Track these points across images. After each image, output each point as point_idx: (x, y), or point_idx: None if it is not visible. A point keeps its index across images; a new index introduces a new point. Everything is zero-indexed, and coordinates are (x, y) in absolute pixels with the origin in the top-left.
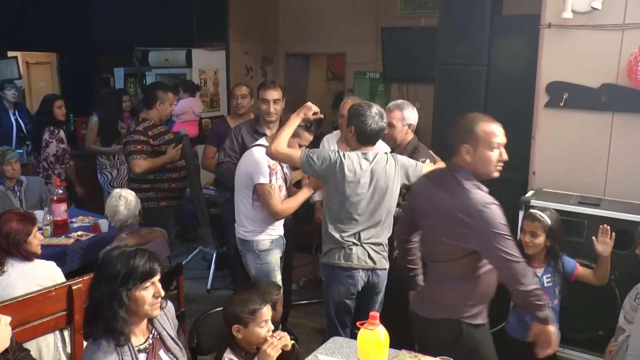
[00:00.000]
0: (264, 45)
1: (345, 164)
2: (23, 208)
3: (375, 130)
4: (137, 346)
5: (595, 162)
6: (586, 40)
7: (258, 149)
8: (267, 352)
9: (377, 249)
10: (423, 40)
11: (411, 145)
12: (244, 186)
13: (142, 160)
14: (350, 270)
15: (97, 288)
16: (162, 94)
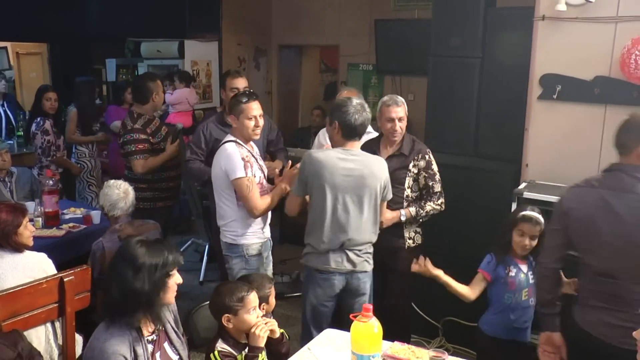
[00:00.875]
0: (256, 37)
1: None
2: (14, 199)
3: (360, 121)
4: (146, 336)
5: (587, 154)
6: (579, 32)
7: (228, 144)
8: (255, 333)
9: (358, 252)
10: (417, 32)
11: (407, 137)
12: (224, 187)
13: (144, 160)
14: (327, 273)
15: (136, 278)
16: (153, 84)
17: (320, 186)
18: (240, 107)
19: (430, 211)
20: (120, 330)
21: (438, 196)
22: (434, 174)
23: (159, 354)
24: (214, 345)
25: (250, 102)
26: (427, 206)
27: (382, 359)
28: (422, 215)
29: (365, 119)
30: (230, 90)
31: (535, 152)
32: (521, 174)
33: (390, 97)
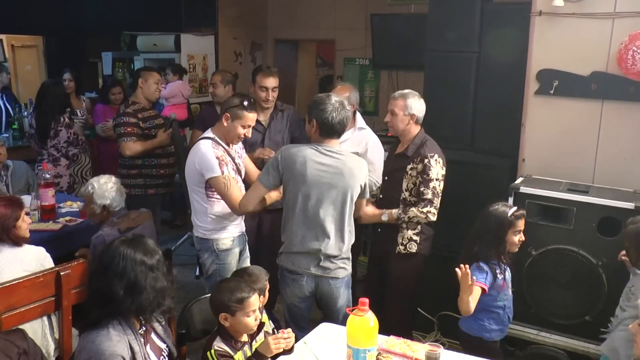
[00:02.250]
0: (253, 31)
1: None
2: (10, 193)
3: (338, 119)
4: (138, 331)
5: (584, 150)
6: (577, 28)
7: (204, 142)
8: (270, 345)
9: (332, 259)
10: (413, 27)
11: (418, 138)
12: (195, 183)
13: (132, 143)
14: (295, 274)
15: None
16: (144, 72)
17: (292, 181)
18: (242, 113)
19: (414, 217)
20: (115, 329)
21: (425, 204)
22: (428, 180)
23: (149, 345)
24: (212, 343)
25: (252, 112)
26: (410, 211)
27: (377, 352)
28: (403, 219)
29: (343, 117)
30: (260, 89)
31: (531, 147)
32: (518, 169)
33: (400, 91)
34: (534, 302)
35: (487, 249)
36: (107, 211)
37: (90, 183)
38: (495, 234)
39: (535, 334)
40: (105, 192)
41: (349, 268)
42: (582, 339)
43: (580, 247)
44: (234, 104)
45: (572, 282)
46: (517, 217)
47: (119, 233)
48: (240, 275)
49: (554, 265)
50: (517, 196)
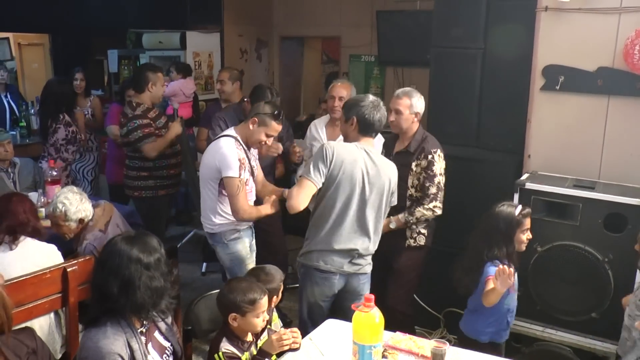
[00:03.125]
0: (258, 28)
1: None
2: (17, 190)
3: (378, 117)
4: (139, 329)
5: (590, 145)
6: (583, 23)
7: (227, 140)
8: (273, 343)
9: (365, 256)
10: (418, 23)
11: (419, 134)
12: (210, 178)
13: (154, 143)
14: (328, 273)
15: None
16: (152, 75)
17: (337, 180)
18: (270, 122)
19: (421, 217)
20: (113, 328)
21: (431, 199)
22: (432, 176)
23: (151, 344)
24: (219, 345)
25: (279, 124)
26: (416, 212)
27: (383, 349)
28: (412, 221)
29: (382, 115)
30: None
31: (537, 143)
32: (523, 165)
33: (402, 89)
34: (539, 298)
35: (496, 250)
36: (82, 223)
37: (58, 202)
38: (504, 235)
39: (541, 330)
40: (77, 206)
41: (371, 264)
42: (589, 335)
43: (587, 243)
44: (265, 112)
45: (578, 279)
46: (525, 216)
47: (102, 233)
48: (257, 273)
49: (559, 262)
50: (522, 192)
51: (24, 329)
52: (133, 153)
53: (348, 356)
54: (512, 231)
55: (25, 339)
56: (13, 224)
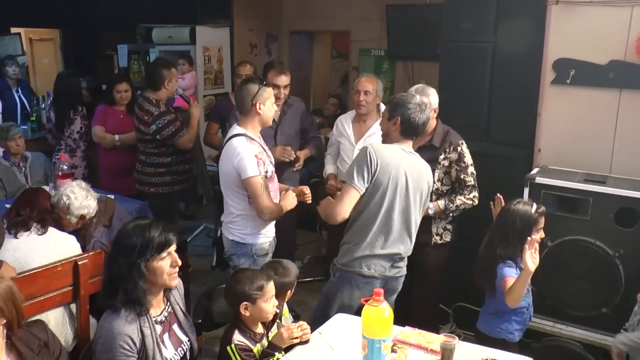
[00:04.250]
0: (268, 23)
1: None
2: (28, 184)
3: (422, 120)
4: (155, 317)
5: (601, 139)
6: (594, 16)
7: (238, 139)
8: (283, 336)
9: (405, 259)
10: (428, 17)
11: (440, 127)
12: (234, 184)
13: (188, 135)
14: (371, 277)
15: (116, 261)
16: (167, 72)
17: (382, 183)
18: (266, 91)
19: (461, 205)
20: (127, 312)
21: (470, 189)
22: (466, 167)
23: (168, 335)
24: (231, 337)
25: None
26: (457, 200)
27: (392, 343)
28: (451, 209)
29: (426, 117)
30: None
31: (548, 137)
32: (533, 159)
33: (415, 87)
34: (550, 293)
35: (512, 248)
36: (83, 220)
37: (63, 194)
38: (520, 234)
39: (551, 325)
40: (81, 201)
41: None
42: (599, 331)
43: (597, 238)
44: (256, 90)
45: (589, 274)
46: (540, 214)
47: (105, 229)
48: (275, 266)
49: (570, 257)
50: (532, 187)
51: (35, 321)
52: (153, 149)
53: (357, 350)
54: (529, 230)
55: (37, 332)
56: (43, 210)
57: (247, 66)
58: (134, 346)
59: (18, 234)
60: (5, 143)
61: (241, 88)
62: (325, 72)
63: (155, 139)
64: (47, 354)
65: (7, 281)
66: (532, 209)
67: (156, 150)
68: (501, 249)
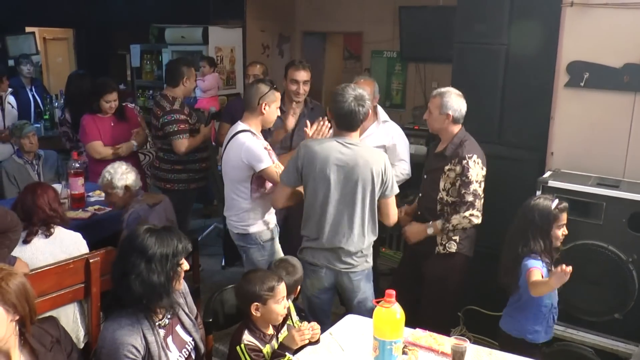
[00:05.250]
0: (280, 24)
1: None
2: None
3: (349, 110)
4: (158, 322)
5: (615, 143)
6: (609, 19)
7: (245, 135)
8: (294, 337)
9: (353, 255)
10: (441, 19)
11: (457, 138)
12: (238, 181)
13: (186, 140)
14: (315, 266)
15: (151, 270)
16: (187, 70)
17: (312, 178)
18: (275, 95)
19: (458, 225)
20: (129, 319)
21: (467, 207)
22: (467, 183)
23: (171, 337)
24: (241, 338)
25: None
26: (453, 219)
27: (403, 345)
28: (448, 228)
29: (357, 110)
30: (290, 81)
31: (560, 140)
32: (546, 163)
33: (441, 88)
34: (561, 298)
35: (533, 245)
36: (129, 191)
37: (105, 172)
38: (540, 229)
39: (563, 330)
40: (122, 174)
41: (370, 261)
42: (611, 336)
43: (610, 242)
44: (265, 91)
45: (601, 279)
46: (561, 210)
47: (148, 207)
48: (283, 265)
49: (582, 261)
50: (545, 190)
51: (47, 318)
52: (168, 146)
53: (368, 351)
54: (549, 225)
55: (49, 328)
56: (44, 217)
57: (257, 66)
58: (138, 354)
59: (24, 241)
60: (19, 141)
61: (252, 86)
62: (338, 74)
63: (165, 135)
64: (59, 351)
65: (21, 277)
66: (552, 204)
67: (170, 147)
68: (522, 246)
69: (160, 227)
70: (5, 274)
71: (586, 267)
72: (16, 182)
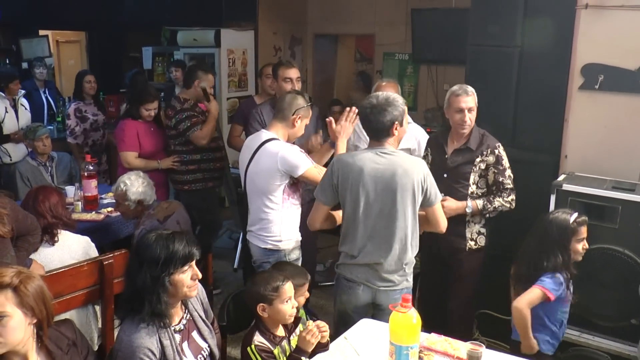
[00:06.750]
0: (292, 26)
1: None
2: (54, 183)
3: (375, 119)
4: (173, 327)
5: (630, 146)
6: (624, 21)
7: (275, 143)
8: (306, 338)
9: (392, 272)
10: (453, 21)
11: (476, 130)
12: (270, 191)
13: (202, 130)
14: (352, 282)
15: (138, 273)
16: (203, 74)
17: (349, 192)
18: (309, 111)
19: (499, 207)
20: (146, 322)
21: (509, 192)
22: (504, 170)
23: (187, 343)
24: (252, 339)
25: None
26: (495, 201)
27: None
28: (489, 209)
29: (380, 116)
30: (283, 80)
31: (575, 143)
32: (560, 166)
33: (460, 86)
34: (576, 302)
35: (554, 259)
36: (141, 206)
37: (121, 181)
38: (558, 243)
39: (578, 335)
40: (138, 187)
41: (410, 280)
42: (627, 342)
43: (626, 247)
44: (303, 105)
45: (617, 283)
46: (580, 224)
47: (158, 223)
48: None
49: (598, 265)
50: (559, 194)
51: (64, 321)
52: (181, 147)
53: (384, 356)
54: (567, 240)
55: (66, 331)
56: (45, 224)
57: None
58: (154, 357)
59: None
60: (32, 143)
61: (290, 95)
62: (349, 75)
63: (179, 133)
64: (75, 353)
65: (38, 280)
66: (570, 218)
67: (184, 147)
68: (545, 259)
69: (168, 232)
70: (24, 277)
71: (602, 271)
72: (30, 184)
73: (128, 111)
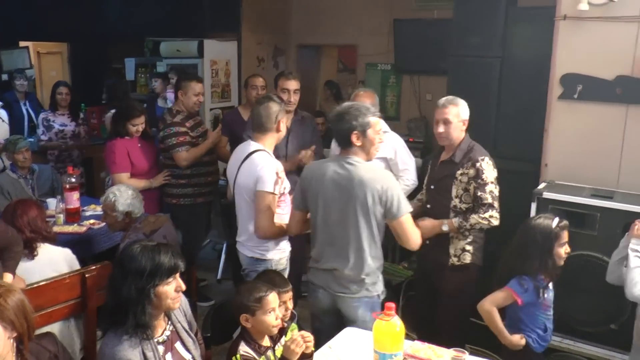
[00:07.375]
0: (276, 37)
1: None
2: (35, 196)
3: (337, 128)
4: (156, 338)
5: (608, 155)
6: (602, 32)
7: (260, 155)
8: (290, 348)
9: (350, 280)
10: (435, 32)
11: (464, 143)
12: (254, 201)
13: (186, 152)
14: (314, 285)
15: (123, 284)
16: (184, 83)
17: (311, 199)
18: (284, 109)
19: (476, 224)
20: (128, 334)
21: (486, 208)
22: (484, 184)
23: (170, 354)
24: (237, 348)
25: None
26: (471, 218)
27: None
28: (465, 227)
29: (338, 125)
30: (280, 90)
31: (554, 152)
32: (540, 174)
33: (446, 98)
34: (557, 309)
35: (534, 264)
36: (129, 218)
37: (110, 192)
38: (542, 248)
39: (559, 341)
40: (127, 199)
41: (373, 290)
42: (607, 347)
43: (605, 253)
44: (278, 109)
45: (597, 289)
46: (562, 228)
47: (144, 236)
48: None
49: (578, 272)
50: (540, 202)
51: (45, 334)
52: (171, 161)
53: None
54: (550, 245)
55: (47, 345)
56: (24, 239)
57: (260, 79)
58: None
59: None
60: (12, 156)
61: (262, 105)
62: None
63: (165, 148)
64: None
65: (19, 294)
66: (553, 223)
67: (173, 161)
68: (520, 262)
69: (153, 244)
70: (4, 291)
71: (581, 277)
72: (10, 197)
73: (115, 130)
